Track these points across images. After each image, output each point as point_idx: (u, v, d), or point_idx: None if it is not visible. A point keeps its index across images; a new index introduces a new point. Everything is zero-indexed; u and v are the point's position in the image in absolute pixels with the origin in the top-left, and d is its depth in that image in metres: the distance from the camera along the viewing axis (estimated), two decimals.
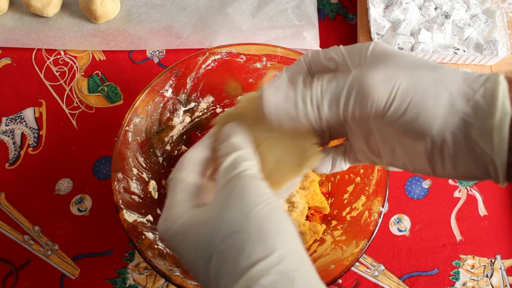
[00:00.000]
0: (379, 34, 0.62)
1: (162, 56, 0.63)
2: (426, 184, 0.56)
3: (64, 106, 0.60)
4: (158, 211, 0.49)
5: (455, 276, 0.51)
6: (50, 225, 0.53)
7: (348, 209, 0.48)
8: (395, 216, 0.54)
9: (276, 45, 0.49)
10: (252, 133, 0.30)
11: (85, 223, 0.53)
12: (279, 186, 0.30)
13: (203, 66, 0.50)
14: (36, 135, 0.58)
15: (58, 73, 0.62)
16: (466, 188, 0.56)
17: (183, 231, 0.26)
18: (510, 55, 0.59)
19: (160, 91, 0.49)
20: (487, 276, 0.52)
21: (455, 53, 0.60)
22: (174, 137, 0.54)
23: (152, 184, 0.49)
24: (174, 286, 0.39)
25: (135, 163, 0.47)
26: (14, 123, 0.59)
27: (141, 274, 0.51)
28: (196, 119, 0.55)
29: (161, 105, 0.50)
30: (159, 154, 0.52)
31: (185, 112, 0.53)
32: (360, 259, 0.52)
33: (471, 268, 0.52)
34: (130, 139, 0.46)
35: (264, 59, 0.50)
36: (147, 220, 0.45)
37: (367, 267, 0.52)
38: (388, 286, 0.51)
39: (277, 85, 0.27)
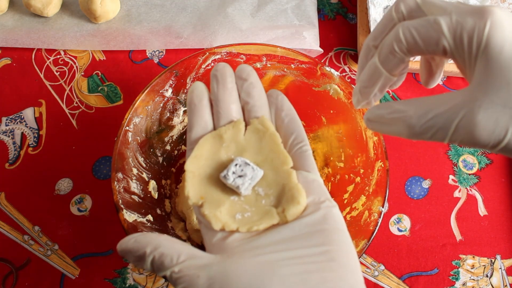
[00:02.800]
0: None
1: (162, 56, 0.63)
2: (426, 184, 0.56)
3: (64, 106, 0.60)
4: (158, 211, 0.49)
5: (455, 276, 0.52)
6: (50, 225, 0.53)
7: (348, 209, 0.48)
8: (395, 216, 0.54)
9: (276, 45, 0.49)
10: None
11: (85, 223, 0.53)
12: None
13: (203, 66, 0.50)
14: (36, 135, 0.58)
15: (58, 73, 0.62)
16: (466, 188, 0.56)
17: None
18: None
19: (160, 91, 0.49)
20: (487, 276, 0.52)
21: None
22: (174, 137, 0.54)
23: (152, 184, 0.49)
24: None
25: (135, 163, 0.47)
26: (14, 123, 0.59)
27: (141, 274, 0.51)
28: None
29: (161, 105, 0.50)
30: (159, 154, 0.52)
31: (185, 112, 0.53)
32: (360, 259, 0.52)
33: (471, 268, 0.52)
34: (130, 139, 0.46)
35: (264, 59, 0.50)
36: (147, 220, 0.45)
37: (367, 267, 0.52)
38: (388, 286, 0.51)
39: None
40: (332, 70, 0.48)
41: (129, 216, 0.42)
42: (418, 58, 0.59)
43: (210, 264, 0.26)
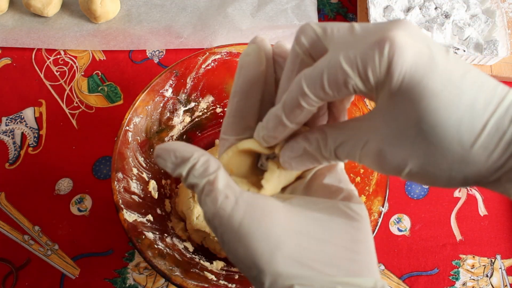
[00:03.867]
0: None
1: (162, 56, 0.63)
2: None
3: (64, 106, 0.60)
4: (158, 211, 0.49)
5: (455, 276, 0.52)
6: (50, 225, 0.53)
7: None
8: (395, 216, 0.54)
9: None
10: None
11: (85, 223, 0.53)
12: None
13: (203, 66, 0.50)
14: (36, 135, 0.58)
15: (58, 73, 0.62)
16: (466, 188, 0.56)
17: None
18: (510, 55, 0.59)
19: (160, 91, 0.49)
20: (487, 276, 0.52)
21: (455, 53, 0.60)
22: (174, 137, 0.54)
23: (152, 184, 0.49)
24: (174, 286, 0.39)
25: (135, 163, 0.47)
26: (14, 123, 0.59)
27: (141, 274, 0.51)
28: (196, 119, 0.55)
29: (161, 105, 0.50)
30: None
31: (185, 112, 0.53)
32: None
33: (471, 268, 0.52)
34: (130, 139, 0.46)
35: None
36: (147, 220, 0.45)
37: None
38: (388, 286, 0.51)
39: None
40: None
41: (129, 216, 0.42)
42: None
43: (239, 198, 0.25)
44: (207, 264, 0.46)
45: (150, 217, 0.46)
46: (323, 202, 0.27)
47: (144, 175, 0.48)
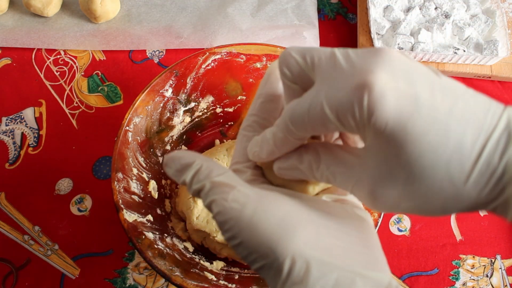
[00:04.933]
0: (379, 34, 0.62)
1: (162, 56, 0.63)
2: None
3: (64, 106, 0.60)
4: (158, 211, 0.49)
5: (455, 276, 0.52)
6: (50, 225, 0.53)
7: None
8: (395, 216, 0.54)
9: (276, 45, 0.49)
10: None
11: (85, 223, 0.53)
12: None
13: (203, 66, 0.50)
14: (36, 135, 0.58)
15: (58, 73, 0.62)
16: None
17: None
18: (510, 55, 0.59)
19: (160, 91, 0.49)
20: (487, 276, 0.52)
21: (455, 53, 0.60)
22: (174, 137, 0.54)
23: (152, 184, 0.49)
24: (174, 286, 0.39)
25: (135, 163, 0.47)
26: (14, 123, 0.59)
27: (141, 274, 0.51)
28: (196, 119, 0.55)
29: (161, 105, 0.50)
30: (159, 154, 0.52)
31: (185, 112, 0.53)
32: None
33: (471, 268, 0.52)
34: (130, 139, 0.46)
35: (264, 59, 0.50)
36: (147, 220, 0.45)
37: None
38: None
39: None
40: None
41: (129, 216, 0.42)
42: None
43: (249, 191, 0.25)
44: (207, 264, 0.46)
45: (150, 217, 0.46)
46: (331, 203, 0.27)
47: (144, 175, 0.48)
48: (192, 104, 0.53)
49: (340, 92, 0.21)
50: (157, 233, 0.45)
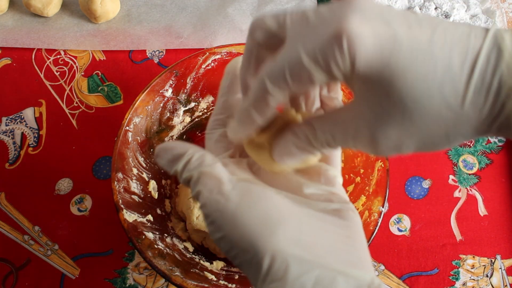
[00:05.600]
0: None
1: (162, 56, 0.63)
2: (426, 184, 0.56)
3: (64, 106, 0.60)
4: (158, 211, 0.49)
5: (455, 276, 0.52)
6: (50, 225, 0.53)
7: None
8: (395, 216, 0.54)
9: None
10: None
11: (85, 223, 0.53)
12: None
13: (203, 66, 0.50)
14: (36, 135, 0.58)
15: (58, 73, 0.62)
16: (466, 188, 0.56)
17: None
18: None
19: (160, 91, 0.49)
20: (487, 276, 0.52)
21: None
22: (174, 137, 0.54)
23: (152, 184, 0.49)
24: (174, 286, 0.39)
25: (135, 163, 0.47)
26: (14, 123, 0.59)
27: (141, 274, 0.51)
28: (196, 119, 0.55)
29: (161, 105, 0.50)
30: None
31: (185, 112, 0.53)
32: None
33: (471, 268, 0.52)
34: (130, 139, 0.46)
35: None
36: (147, 220, 0.45)
37: None
38: (388, 286, 0.51)
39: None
40: None
41: (129, 216, 0.42)
42: None
43: (235, 184, 0.25)
44: (207, 264, 0.46)
45: (150, 217, 0.46)
46: (317, 200, 0.27)
47: (144, 175, 0.48)
48: (192, 104, 0.53)
49: (318, 42, 0.21)
50: (157, 233, 0.45)
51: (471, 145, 0.58)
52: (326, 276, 0.23)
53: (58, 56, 0.63)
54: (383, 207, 0.42)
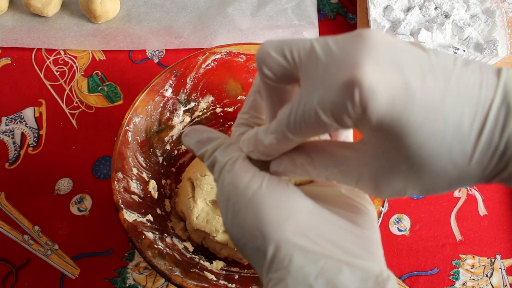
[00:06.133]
0: None
1: (162, 56, 0.63)
2: None
3: (64, 106, 0.60)
4: (158, 210, 0.49)
5: (455, 275, 0.52)
6: (50, 225, 0.53)
7: None
8: (395, 216, 0.54)
9: None
10: None
11: (85, 223, 0.53)
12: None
13: (203, 66, 0.50)
14: (36, 135, 0.58)
15: (58, 73, 0.62)
16: (466, 188, 0.56)
17: None
18: (510, 54, 0.59)
19: (160, 91, 0.49)
20: (487, 276, 0.52)
21: (455, 52, 0.60)
22: (174, 137, 0.54)
23: (152, 184, 0.49)
24: (174, 286, 0.39)
25: (135, 163, 0.47)
26: (14, 123, 0.59)
27: (141, 274, 0.51)
28: (196, 119, 0.55)
29: (161, 105, 0.50)
30: (159, 154, 0.52)
31: (185, 112, 0.53)
32: None
33: (471, 268, 0.52)
34: (130, 139, 0.46)
35: None
36: (147, 220, 0.45)
37: None
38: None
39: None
40: None
41: (129, 216, 0.42)
42: None
43: (261, 177, 0.26)
44: (207, 264, 0.46)
45: (150, 217, 0.46)
46: (333, 193, 0.28)
47: (144, 175, 0.48)
48: (192, 104, 0.53)
49: (330, 92, 0.20)
50: (157, 233, 0.45)
51: None
52: (331, 267, 0.23)
53: (58, 56, 0.63)
54: (382, 207, 0.42)
